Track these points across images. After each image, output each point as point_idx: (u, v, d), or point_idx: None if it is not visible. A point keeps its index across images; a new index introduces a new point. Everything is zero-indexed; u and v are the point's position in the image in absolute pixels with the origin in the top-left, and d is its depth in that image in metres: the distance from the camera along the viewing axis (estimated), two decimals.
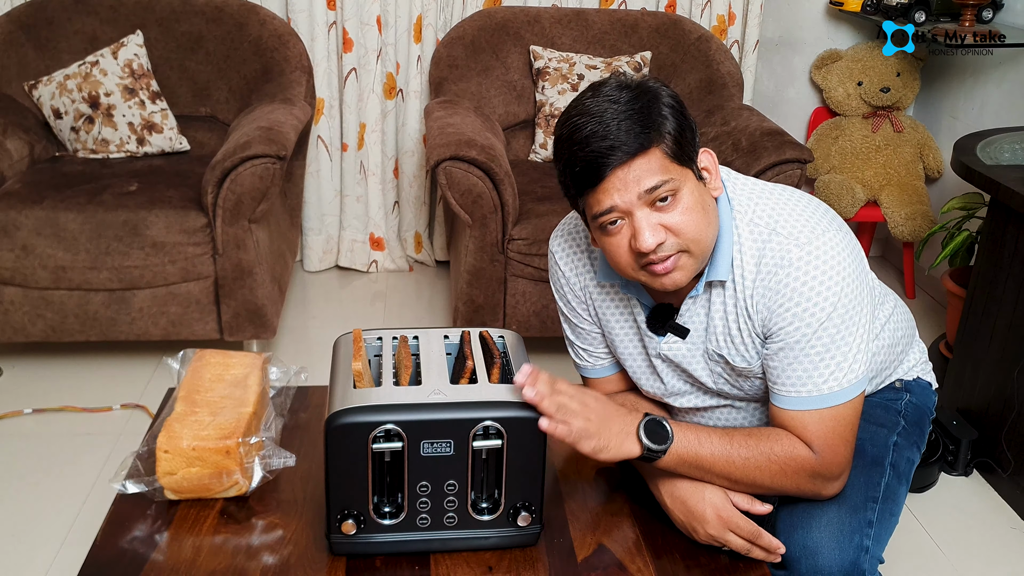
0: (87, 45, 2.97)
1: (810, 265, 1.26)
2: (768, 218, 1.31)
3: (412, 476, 1.20)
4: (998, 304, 2.29)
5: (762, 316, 1.30)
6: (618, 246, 1.26)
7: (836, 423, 1.30)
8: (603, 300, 1.47)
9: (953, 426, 2.37)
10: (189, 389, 1.41)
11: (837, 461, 1.32)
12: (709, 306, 1.35)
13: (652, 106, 1.23)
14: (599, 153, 1.20)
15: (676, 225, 1.24)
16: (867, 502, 1.39)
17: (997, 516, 2.24)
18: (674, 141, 1.23)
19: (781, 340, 1.29)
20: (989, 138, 2.54)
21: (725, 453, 1.29)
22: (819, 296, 1.26)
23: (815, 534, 1.33)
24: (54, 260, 2.47)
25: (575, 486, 1.42)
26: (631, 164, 1.21)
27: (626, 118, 1.21)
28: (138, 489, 1.33)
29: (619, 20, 3.18)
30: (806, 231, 1.29)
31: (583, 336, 1.53)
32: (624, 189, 1.21)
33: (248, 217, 2.53)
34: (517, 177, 2.75)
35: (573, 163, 1.23)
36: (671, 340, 1.40)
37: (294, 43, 3.02)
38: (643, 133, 1.21)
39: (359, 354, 1.28)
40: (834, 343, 1.28)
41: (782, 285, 1.27)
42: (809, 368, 1.29)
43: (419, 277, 3.45)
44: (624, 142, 1.20)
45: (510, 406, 1.20)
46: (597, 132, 1.21)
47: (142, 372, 2.70)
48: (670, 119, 1.23)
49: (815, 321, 1.27)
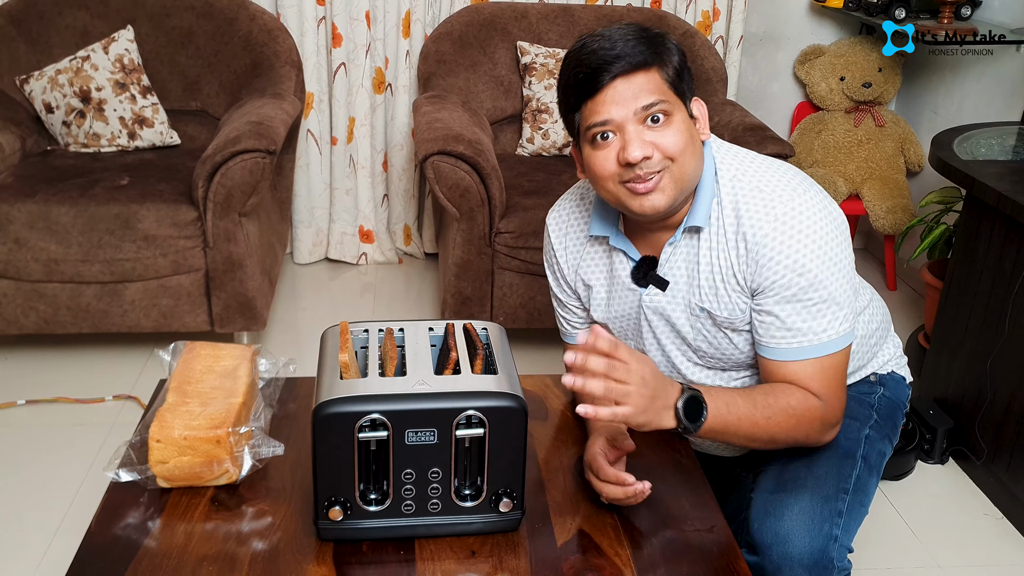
0: (78, 40, 2.99)
1: (796, 219, 1.32)
2: (751, 176, 1.37)
3: (397, 464, 1.24)
4: (973, 296, 2.35)
5: (750, 270, 1.35)
6: (605, 159, 1.32)
7: (835, 370, 1.37)
8: (590, 261, 1.52)
9: (929, 415, 2.43)
10: (180, 380, 1.45)
11: (839, 406, 1.39)
12: (697, 260, 1.40)
13: (660, 38, 1.31)
14: (604, 60, 1.27)
15: (665, 144, 1.30)
16: (838, 493, 1.43)
17: (971, 503, 2.30)
18: (675, 71, 1.31)
19: (776, 293, 1.34)
20: (966, 133, 2.59)
21: (750, 415, 1.32)
22: (807, 250, 1.32)
23: (786, 522, 1.38)
24: (46, 253, 2.51)
25: (556, 473, 1.46)
26: (632, 77, 1.27)
27: (634, 38, 1.29)
28: (131, 477, 1.36)
29: (605, 16, 3.21)
30: (788, 189, 1.35)
31: (565, 306, 1.61)
32: (622, 103, 1.28)
33: (238, 210, 2.56)
34: (504, 171, 2.79)
35: (577, 70, 1.29)
36: (652, 292, 1.45)
37: (283, 38, 3.05)
38: (648, 51, 1.28)
39: (346, 346, 1.32)
40: (830, 294, 1.34)
41: (769, 238, 1.33)
42: (807, 318, 1.34)
43: (408, 269, 3.49)
44: (629, 54, 1.27)
45: (492, 396, 1.24)
46: (604, 46, 1.28)
47: (134, 364, 2.73)
48: (675, 54, 1.32)
49: (808, 274, 1.32)
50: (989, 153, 2.44)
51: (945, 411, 2.45)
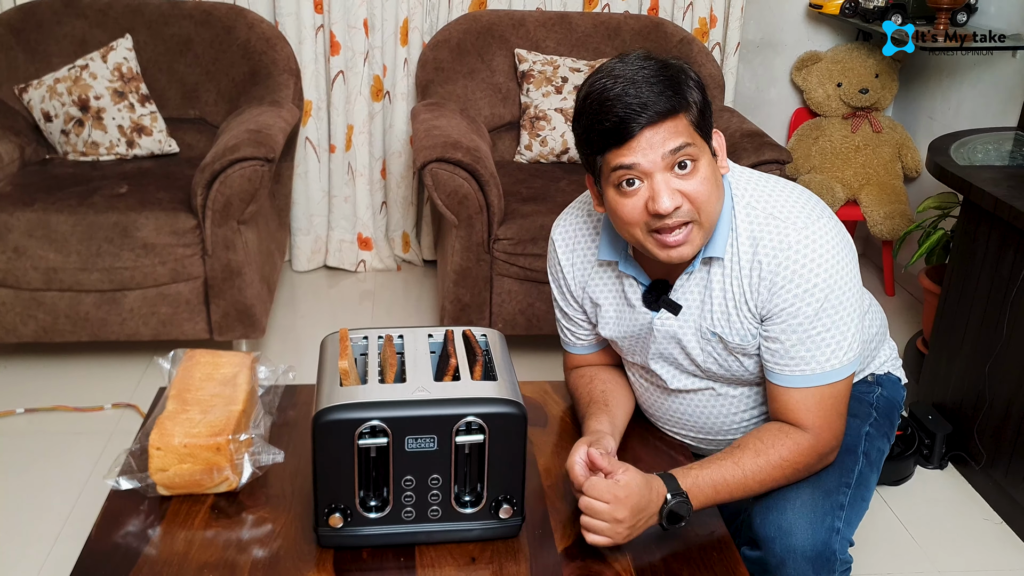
0: (77, 48, 3.00)
1: (808, 248, 1.33)
2: (765, 203, 1.37)
3: (397, 471, 1.24)
4: (971, 301, 2.35)
5: (761, 297, 1.36)
6: (633, 207, 1.30)
7: (835, 399, 1.39)
8: (598, 281, 1.51)
9: (928, 420, 2.43)
10: (180, 388, 1.45)
11: (833, 434, 1.40)
12: (708, 284, 1.40)
13: (679, 76, 1.28)
14: (632, 110, 1.24)
15: (693, 192, 1.28)
16: (840, 487, 1.45)
17: (970, 508, 2.30)
18: (698, 111, 1.29)
19: (783, 321, 1.35)
20: (963, 139, 2.60)
21: (741, 483, 1.35)
22: (817, 278, 1.32)
23: (789, 515, 1.39)
24: (45, 261, 2.51)
25: (556, 479, 1.46)
26: (661, 125, 1.25)
27: (657, 82, 1.25)
28: (131, 485, 1.36)
29: (602, 23, 3.22)
30: (802, 216, 1.35)
31: (570, 319, 1.60)
32: (650, 149, 1.25)
33: (237, 218, 2.56)
34: (503, 178, 2.80)
35: (603, 119, 1.26)
36: (664, 316, 1.45)
37: (282, 46, 3.06)
38: (674, 97, 1.25)
39: (345, 353, 1.32)
40: (834, 323, 1.35)
41: (781, 267, 1.33)
42: (812, 348, 1.35)
43: (407, 276, 3.49)
44: (656, 102, 1.24)
45: (492, 402, 1.25)
46: (629, 91, 1.24)
47: (133, 372, 2.73)
48: (695, 91, 1.29)
49: (815, 302, 1.33)
50: (986, 158, 2.45)
51: (944, 416, 2.45)
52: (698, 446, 1.60)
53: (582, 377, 1.61)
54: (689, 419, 1.56)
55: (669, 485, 1.31)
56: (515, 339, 2.78)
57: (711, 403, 1.53)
